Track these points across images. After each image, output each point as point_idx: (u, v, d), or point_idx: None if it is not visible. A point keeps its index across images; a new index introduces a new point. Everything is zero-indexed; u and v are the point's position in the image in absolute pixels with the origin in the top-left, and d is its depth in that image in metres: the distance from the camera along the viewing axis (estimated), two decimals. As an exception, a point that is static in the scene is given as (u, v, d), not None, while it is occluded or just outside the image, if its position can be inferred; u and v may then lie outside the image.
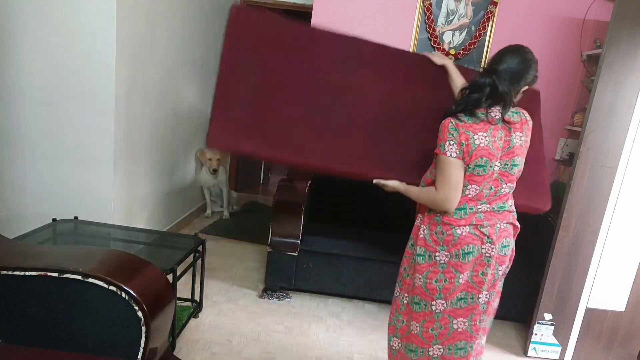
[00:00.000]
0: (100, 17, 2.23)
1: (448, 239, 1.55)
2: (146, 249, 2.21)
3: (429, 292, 1.59)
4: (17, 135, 2.40)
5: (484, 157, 1.50)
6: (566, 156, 3.20)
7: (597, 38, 3.05)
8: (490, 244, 1.55)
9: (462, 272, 1.56)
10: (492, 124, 1.53)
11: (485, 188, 1.55)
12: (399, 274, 1.75)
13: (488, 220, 1.56)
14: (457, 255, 1.55)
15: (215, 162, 3.70)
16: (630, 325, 2.30)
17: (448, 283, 1.57)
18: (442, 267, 1.57)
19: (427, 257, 1.60)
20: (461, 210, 1.55)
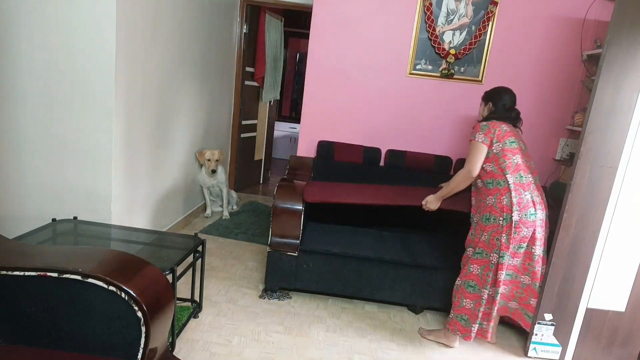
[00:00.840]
0: (100, 17, 2.23)
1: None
2: (146, 249, 2.21)
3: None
4: (17, 135, 2.40)
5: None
6: (566, 156, 3.20)
7: (598, 38, 3.05)
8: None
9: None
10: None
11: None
12: (486, 249, 2.24)
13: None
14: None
15: (214, 163, 3.70)
16: (631, 325, 2.30)
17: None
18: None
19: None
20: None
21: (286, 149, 7.39)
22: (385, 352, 2.24)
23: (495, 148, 2.20)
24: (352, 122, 3.34)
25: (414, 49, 3.18)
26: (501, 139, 2.20)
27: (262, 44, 4.86)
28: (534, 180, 2.21)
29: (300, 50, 7.44)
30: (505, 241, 2.15)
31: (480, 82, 3.21)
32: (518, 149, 2.22)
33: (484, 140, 2.21)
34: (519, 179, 2.17)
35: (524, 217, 2.13)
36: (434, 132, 3.31)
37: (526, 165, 2.22)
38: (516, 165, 2.18)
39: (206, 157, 3.70)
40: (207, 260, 3.02)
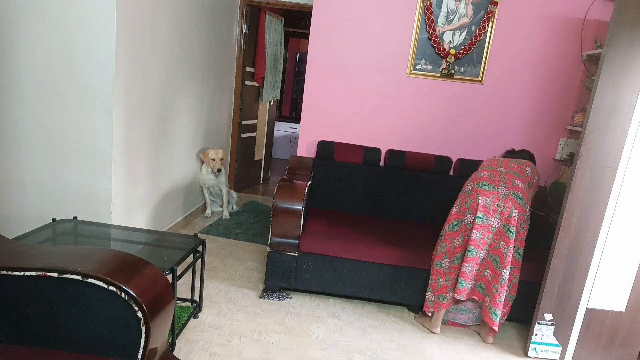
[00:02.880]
0: (100, 17, 2.23)
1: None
2: (146, 249, 2.21)
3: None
4: (17, 135, 2.41)
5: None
6: (566, 156, 3.20)
7: (598, 38, 3.05)
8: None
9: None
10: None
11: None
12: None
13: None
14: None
15: (218, 163, 3.71)
16: (631, 325, 2.30)
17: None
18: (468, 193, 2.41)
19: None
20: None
21: (286, 149, 7.40)
22: (385, 352, 2.24)
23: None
24: (352, 122, 3.34)
25: (414, 49, 3.18)
26: (479, 169, 2.53)
27: (262, 44, 4.86)
28: (502, 192, 2.33)
29: (300, 50, 7.44)
30: (458, 210, 2.39)
31: (480, 82, 3.21)
32: (488, 170, 2.45)
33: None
34: (477, 186, 2.37)
35: (475, 187, 2.34)
36: (434, 132, 3.31)
37: (494, 178, 2.37)
38: (480, 178, 2.40)
39: (210, 157, 3.71)
40: (207, 260, 3.02)
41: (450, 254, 2.41)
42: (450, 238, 2.41)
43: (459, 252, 2.38)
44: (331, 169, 3.19)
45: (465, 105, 3.26)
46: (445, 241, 2.43)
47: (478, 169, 2.51)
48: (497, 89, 3.22)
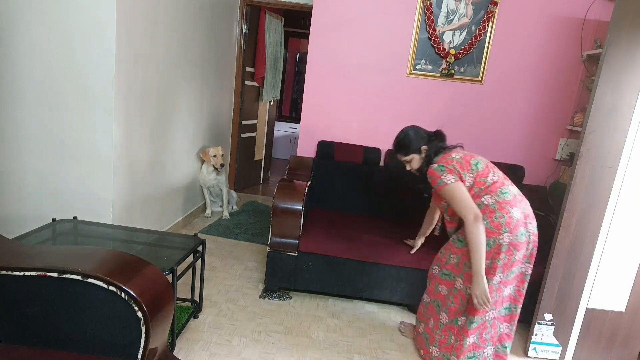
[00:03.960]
0: (100, 17, 2.23)
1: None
2: (146, 249, 2.20)
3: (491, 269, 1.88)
4: (17, 135, 2.40)
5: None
6: (566, 156, 3.20)
7: (598, 38, 3.05)
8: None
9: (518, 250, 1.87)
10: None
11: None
12: (454, 271, 2.01)
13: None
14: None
15: (220, 158, 3.72)
16: (631, 325, 2.30)
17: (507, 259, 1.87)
18: (504, 248, 1.86)
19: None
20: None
21: (286, 149, 7.39)
22: (385, 352, 2.24)
23: (468, 179, 1.91)
24: (352, 122, 3.34)
25: (414, 49, 3.18)
26: (467, 168, 1.92)
27: (262, 44, 4.86)
28: (517, 192, 1.96)
29: (300, 50, 7.44)
30: (488, 265, 1.86)
31: (480, 82, 3.21)
32: (487, 168, 1.95)
33: (454, 179, 1.89)
34: (503, 195, 1.88)
35: (515, 239, 1.84)
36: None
37: (501, 177, 1.96)
38: (493, 184, 1.90)
39: (211, 154, 3.71)
40: (207, 260, 3.02)
41: (469, 312, 1.94)
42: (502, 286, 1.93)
43: (508, 301, 2.00)
44: (331, 169, 3.19)
45: (465, 106, 3.26)
46: (455, 298, 1.97)
47: (490, 184, 1.90)
48: (497, 89, 3.22)
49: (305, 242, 2.55)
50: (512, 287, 1.98)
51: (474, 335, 1.97)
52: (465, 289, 1.95)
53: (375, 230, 2.78)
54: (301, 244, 2.55)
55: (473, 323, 1.93)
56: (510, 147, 3.30)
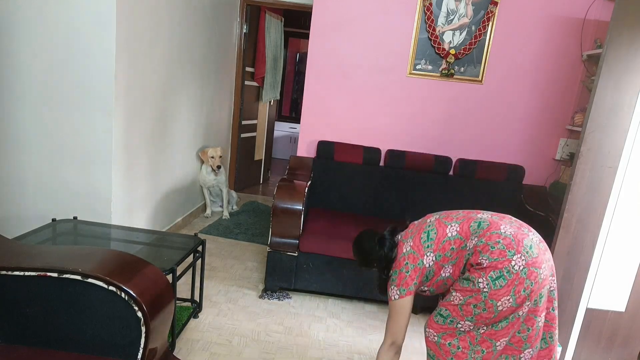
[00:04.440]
0: (100, 17, 2.23)
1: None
2: (146, 249, 2.21)
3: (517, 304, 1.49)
4: (17, 135, 2.40)
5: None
6: (566, 156, 3.20)
7: (598, 38, 3.05)
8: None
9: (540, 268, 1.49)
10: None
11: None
12: (461, 313, 1.56)
13: None
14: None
15: (217, 160, 3.72)
16: (631, 325, 2.30)
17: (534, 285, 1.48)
18: (524, 273, 1.47)
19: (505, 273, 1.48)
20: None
21: (286, 149, 7.39)
22: (385, 352, 2.24)
23: (428, 261, 1.62)
24: (352, 122, 3.34)
25: (414, 49, 3.18)
26: (421, 251, 1.62)
27: (262, 44, 4.86)
28: (487, 214, 1.65)
29: (300, 50, 7.44)
30: (513, 303, 1.48)
31: (480, 82, 3.21)
32: (439, 226, 1.65)
33: (401, 292, 1.63)
34: (481, 228, 1.58)
35: (528, 257, 1.48)
36: (434, 132, 3.30)
37: (463, 217, 1.65)
38: (460, 231, 1.61)
39: (209, 155, 3.71)
40: (207, 260, 3.02)
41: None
42: (491, 340, 1.54)
43: (504, 353, 1.60)
44: (331, 169, 3.19)
45: (465, 105, 3.26)
46: (481, 343, 1.55)
47: (457, 236, 1.60)
48: (497, 89, 3.22)
49: (305, 242, 2.55)
50: (543, 314, 1.60)
51: None
52: (478, 335, 1.58)
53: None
54: (301, 244, 2.55)
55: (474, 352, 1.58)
56: (510, 147, 3.30)
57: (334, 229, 2.70)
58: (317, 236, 2.58)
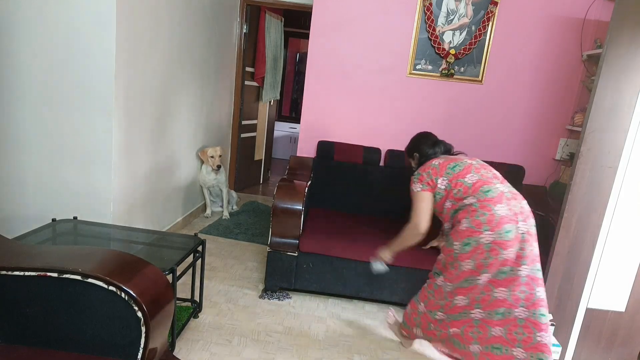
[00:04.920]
0: (100, 17, 2.23)
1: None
2: (146, 249, 2.21)
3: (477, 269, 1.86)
4: (17, 135, 2.41)
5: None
6: (566, 156, 3.20)
7: (598, 38, 3.05)
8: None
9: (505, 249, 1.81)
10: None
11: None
12: (438, 268, 2.06)
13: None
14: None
15: (217, 159, 3.72)
16: (631, 325, 2.30)
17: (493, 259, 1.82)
18: (487, 247, 1.82)
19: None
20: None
21: (286, 149, 7.40)
22: (385, 352, 2.24)
23: (441, 184, 1.98)
24: (352, 122, 3.34)
25: (414, 49, 3.18)
26: (441, 174, 1.99)
27: (262, 44, 4.86)
28: (522, 230, 1.85)
29: (300, 50, 7.44)
30: (472, 267, 1.85)
31: (480, 82, 3.21)
32: (466, 169, 1.97)
33: (423, 187, 2.02)
34: (485, 194, 1.87)
35: (499, 237, 1.80)
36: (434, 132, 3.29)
37: (486, 177, 1.95)
38: (474, 184, 1.91)
39: (209, 155, 3.71)
40: (207, 260, 3.02)
41: (447, 309, 1.98)
42: (454, 294, 1.94)
43: (460, 311, 1.95)
44: (331, 169, 3.19)
45: (465, 105, 3.26)
46: (449, 296, 1.96)
47: (459, 183, 1.94)
48: (497, 89, 3.22)
49: (305, 242, 2.55)
50: (508, 290, 1.85)
51: (458, 330, 1.95)
52: (444, 286, 1.98)
53: (375, 230, 2.78)
54: (301, 244, 2.55)
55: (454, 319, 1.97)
56: (510, 147, 3.30)
57: (334, 229, 2.70)
58: (317, 236, 2.58)
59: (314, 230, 2.64)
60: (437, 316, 2.03)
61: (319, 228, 2.69)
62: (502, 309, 1.87)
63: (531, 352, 1.85)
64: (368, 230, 2.76)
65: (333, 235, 2.60)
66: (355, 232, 2.70)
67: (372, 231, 2.75)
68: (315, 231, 2.63)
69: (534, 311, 1.85)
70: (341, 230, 2.70)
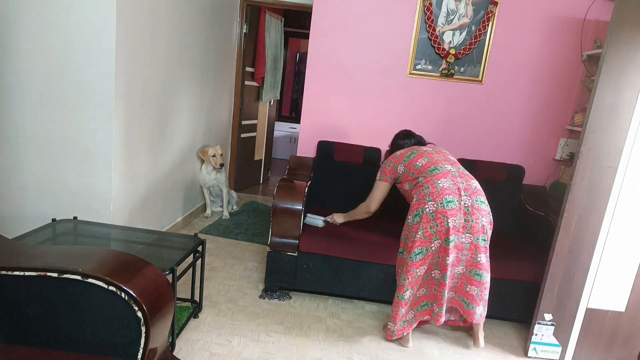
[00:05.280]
0: (100, 16, 2.23)
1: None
2: (146, 249, 2.20)
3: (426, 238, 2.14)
4: (17, 135, 2.41)
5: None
6: (566, 156, 3.20)
7: (597, 38, 3.05)
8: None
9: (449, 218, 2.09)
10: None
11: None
12: (402, 245, 2.31)
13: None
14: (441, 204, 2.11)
15: (219, 158, 3.72)
16: (631, 325, 2.30)
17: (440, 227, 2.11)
18: (431, 215, 2.12)
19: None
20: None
21: (286, 149, 7.40)
22: (385, 352, 2.24)
23: (400, 169, 2.36)
24: (352, 121, 3.34)
25: (414, 49, 3.18)
26: (399, 161, 2.36)
27: (262, 44, 4.86)
28: (466, 203, 2.13)
29: (300, 50, 7.44)
30: (421, 236, 2.13)
31: (480, 82, 3.21)
32: (419, 155, 2.33)
33: (381, 177, 2.45)
34: (430, 172, 2.21)
35: (441, 207, 2.09)
36: (434, 132, 3.30)
37: (436, 159, 2.27)
38: (423, 166, 2.26)
39: (210, 154, 3.69)
40: (207, 260, 3.02)
41: (412, 285, 2.19)
42: (412, 269, 2.16)
43: (422, 277, 2.21)
44: (331, 169, 3.19)
45: (465, 105, 3.26)
46: (407, 272, 2.17)
47: (412, 167, 2.30)
48: (497, 89, 3.22)
49: (305, 242, 2.55)
50: (453, 255, 2.13)
51: (410, 290, 2.20)
52: (401, 254, 2.28)
53: (375, 230, 2.78)
54: (301, 244, 2.55)
55: (403, 279, 2.21)
56: (510, 147, 3.30)
57: (333, 229, 2.70)
58: (317, 236, 2.58)
59: (314, 230, 2.64)
60: (405, 297, 2.22)
61: (319, 228, 2.68)
62: (449, 272, 2.15)
63: (460, 295, 2.22)
64: (368, 231, 2.76)
65: (333, 235, 2.60)
66: (355, 232, 2.70)
67: (372, 231, 2.75)
68: (315, 231, 2.63)
69: (470, 269, 2.18)
70: (341, 230, 2.70)
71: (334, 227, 2.75)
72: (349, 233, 2.67)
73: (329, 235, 2.60)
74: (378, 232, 2.75)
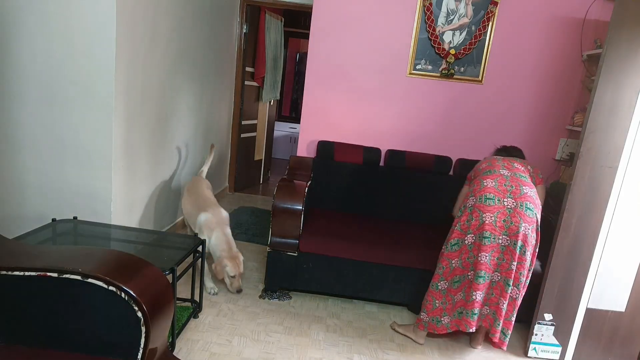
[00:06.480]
0: (100, 16, 2.23)
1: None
2: (146, 249, 2.21)
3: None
4: (17, 135, 2.40)
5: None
6: (566, 156, 3.20)
7: (597, 38, 3.05)
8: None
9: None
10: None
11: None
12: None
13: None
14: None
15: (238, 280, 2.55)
16: (631, 325, 2.30)
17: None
18: (470, 209, 2.19)
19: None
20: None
21: (286, 149, 7.39)
22: (385, 352, 2.24)
23: (471, 175, 2.45)
24: (352, 122, 3.34)
25: (414, 49, 3.18)
26: (478, 173, 2.34)
27: (262, 44, 4.86)
28: (509, 205, 2.08)
29: (300, 50, 7.44)
30: (459, 228, 2.18)
31: (480, 82, 3.21)
32: (485, 161, 2.39)
33: (465, 183, 2.53)
34: (484, 174, 2.25)
35: (478, 202, 2.13)
36: (434, 132, 3.30)
37: (496, 165, 2.29)
38: (482, 169, 2.32)
39: (229, 274, 2.50)
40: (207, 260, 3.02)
41: (447, 276, 2.22)
42: (447, 259, 2.21)
43: (458, 274, 2.19)
44: (331, 169, 3.19)
45: (465, 105, 3.26)
46: (442, 262, 2.22)
47: (476, 171, 2.37)
48: (497, 89, 3.22)
49: (305, 242, 2.55)
50: (488, 255, 2.12)
51: (445, 282, 2.24)
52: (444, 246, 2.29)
53: (375, 230, 2.78)
54: (301, 244, 2.55)
55: (438, 268, 2.26)
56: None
57: (334, 229, 2.70)
58: (317, 236, 2.58)
59: (314, 230, 2.64)
60: (439, 286, 2.24)
61: (318, 228, 2.68)
62: (482, 272, 2.11)
63: (493, 310, 2.17)
64: (368, 231, 2.76)
65: (333, 235, 2.60)
66: (355, 232, 2.70)
67: (373, 231, 2.75)
68: (315, 231, 2.63)
69: (504, 278, 2.12)
70: (341, 230, 2.70)
71: (334, 227, 2.75)
72: (349, 233, 2.67)
73: (329, 235, 2.60)
74: (378, 232, 2.75)
